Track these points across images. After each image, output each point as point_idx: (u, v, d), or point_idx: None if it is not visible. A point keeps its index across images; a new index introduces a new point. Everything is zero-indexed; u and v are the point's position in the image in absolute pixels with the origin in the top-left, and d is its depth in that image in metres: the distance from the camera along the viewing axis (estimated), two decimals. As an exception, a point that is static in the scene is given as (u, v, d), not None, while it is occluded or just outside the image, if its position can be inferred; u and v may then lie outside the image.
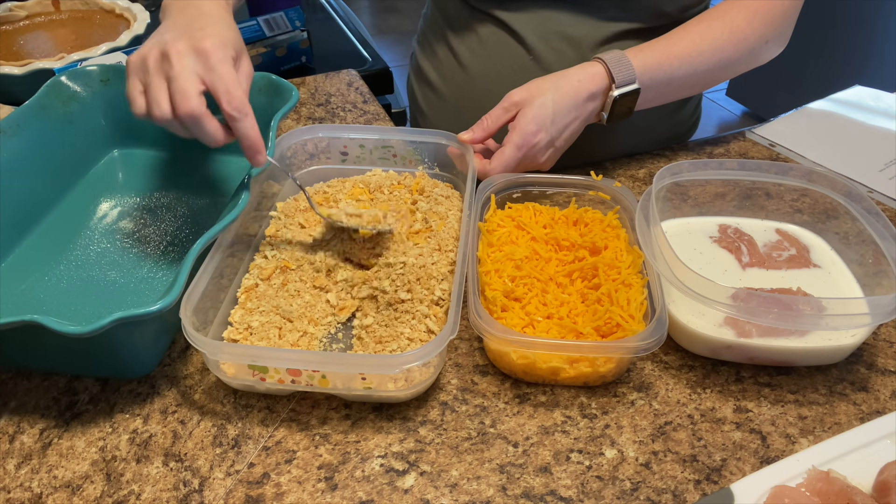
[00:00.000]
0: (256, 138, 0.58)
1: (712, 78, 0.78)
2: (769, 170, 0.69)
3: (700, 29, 0.75)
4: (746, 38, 0.75)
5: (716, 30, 0.75)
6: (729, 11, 0.75)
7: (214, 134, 0.57)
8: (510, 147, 0.71)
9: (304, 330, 0.61)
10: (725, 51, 0.75)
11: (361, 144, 0.77)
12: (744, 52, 0.76)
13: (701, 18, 0.76)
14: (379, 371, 0.53)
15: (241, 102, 0.56)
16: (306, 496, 0.51)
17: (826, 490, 0.47)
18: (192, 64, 0.55)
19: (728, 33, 0.75)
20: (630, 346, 0.53)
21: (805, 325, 0.56)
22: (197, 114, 0.55)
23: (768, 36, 0.76)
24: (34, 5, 1.12)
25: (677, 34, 0.76)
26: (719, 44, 0.75)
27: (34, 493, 0.52)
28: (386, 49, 3.21)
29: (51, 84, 0.74)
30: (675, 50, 0.74)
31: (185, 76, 0.55)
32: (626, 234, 0.66)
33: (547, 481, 0.52)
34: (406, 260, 0.63)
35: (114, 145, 0.82)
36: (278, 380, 0.54)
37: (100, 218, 0.74)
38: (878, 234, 0.62)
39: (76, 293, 0.65)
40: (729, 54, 0.75)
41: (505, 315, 0.59)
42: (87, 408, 0.58)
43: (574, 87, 0.72)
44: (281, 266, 0.65)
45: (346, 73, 1.08)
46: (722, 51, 0.75)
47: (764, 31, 0.75)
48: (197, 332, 0.52)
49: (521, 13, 0.83)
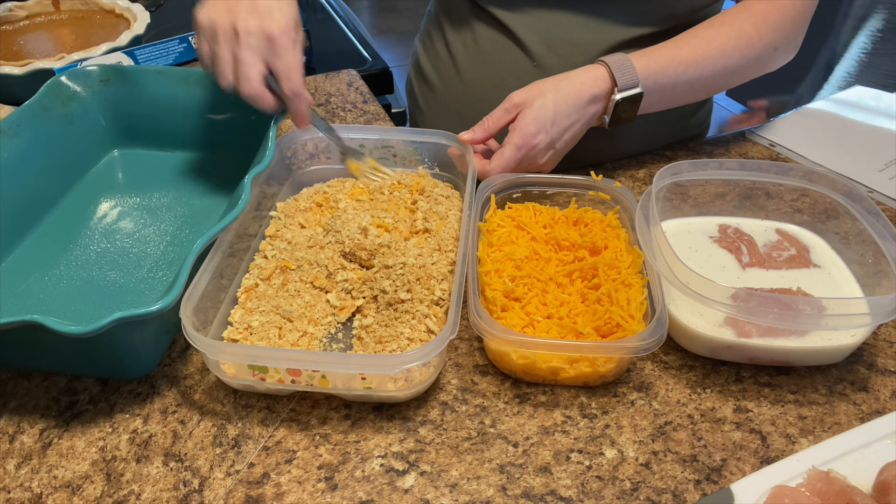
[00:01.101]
0: (306, 116, 0.68)
1: (718, 84, 0.77)
2: (769, 170, 0.69)
3: (707, 34, 0.74)
4: (754, 44, 0.74)
5: (723, 35, 0.74)
6: (738, 17, 0.74)
7: (269, 108, 0.65)
8: (509, 148, 0.71)
9: (304, 330, 0.61)
10: (732, 57, 0.74)
11: (361, 144, 0.77)
12: (751, 58, 0.75)
13: (709, 23, 0.75)
14: (379, 371, 0.53)
15: (298, 86, 0.65)
16: (306, 496, 0.51)
17: (826, 490, 0.47)
18: (258, 47, 0.62)
19: (735, 39, 0.73)
20: (630, 346, 0.53)
21: (805, 325, 0.56)
22: (256, 95, 0.63)
23: (777, 43, 0.75)
24: (34, 5, 1.12)
25: (683, 39, 0.74)
26: (726, 49, 0.73)
27: (34, 493, 0.52)
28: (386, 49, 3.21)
29: (51, 84, 0.74)
30: (681, 55, 0.73)
31: (250, 63, 0.62)
32: (626, 234, 0.66)
33: (547, 481, 0.52)
34: (406, 260, 0.63)
35: (114, 145, 0.82)
36: (278, 380, 0.54)
37: (100, 218, 0.74)
38: (878, 234, 0.62)
39: (76, 293, 0.65)
40: (735, 60, 0.74)
41: (505, 315, 0.59)
42: (87, 408, 0.58)
43: (576, 89, 0.72)
44: (281, 266, 0.65)
45: (346, 73, 1.08)
46: (728, 56, 0.74)
47: (772, 37, 0.74)
48: (197, 331, 0.52)
49: (524, 15, 0.82)
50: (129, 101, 0.79)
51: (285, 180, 0.77)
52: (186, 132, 0.80)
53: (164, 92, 0.78)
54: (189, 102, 0.78)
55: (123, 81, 0.78)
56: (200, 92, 0.78)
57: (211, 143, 0.81)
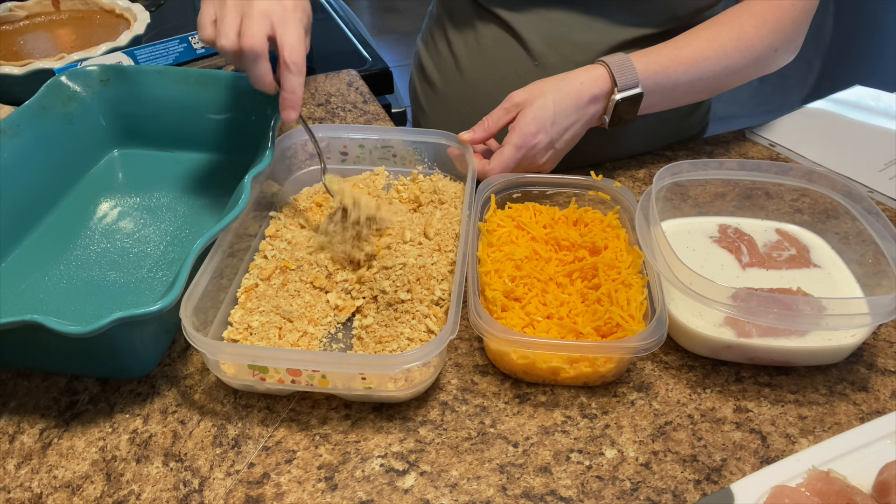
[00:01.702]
0: (299, 95, 0.63)
1: (718, 84, 0.77)
2: (769, 170, 0.69)
3: (708, 35, 0.74)
4: (754, 45, 0.74)
5: (723, 36, 0.74)
6: (738, 17, 0.74)
7: (265, 76, 0.62)
8: (509, 147, 0.71)
9: (304, 330, 0.61)
10: (732, 57, 0.74)
11: (361, 144, 0.77)
12: (751, 59, 0.75)
13: (710, 24, 0.75)
14: (379, 371, 0.53)
15: (300, 58, 0.62)
16: (306, 496, 0.51)
17: (826, 490, 0.47)
18: (268, 10, 0.61)
19: (735, 39, 0.74)
20: (630, 346, 0.53)
21: (805, 325, 0.56)
22: (258, 51, 0.60)
23: (777, 44, 0.75)
24: (34, 5, 1.12)
25: (684, 39, 0.74)
26: (726, 50, 0.74)
27: (34, 493, 0.52)
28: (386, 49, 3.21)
29: (51, 84, 0.74)
30: (681, 55, 0.73)
31: (258, 19, 0.60)
32: (626, 234, 0.66)
33: (547, 481, 0.52)
34: (406, 260, 0.63)
35: (114, 145, 0.82)
36: (278, 380, 0.54)
37: (100, 218, 0.74)
38: (878, 234, 0.62)
39: (76, 293, 0.65)
40: (736, 61, 0.74)
41: (505, 315, 0.59)
42: (87, 408, 0.58)
43: (576, 89, 0.72)
44: (281, 266, 0.65)
45: (346, 73, 1.08)
46: (729, 57, 0.74)
47: (772, 38, 0.74)
48: (197, 332, 0.52)
49: (526, 14, 0.82)
50: (129, 101, 0.79)
51: (285, 180, 0.77)
52: (186, 132, 0.80)
53: (164, 92, 0.78)
54: (189, 102, 0.78)
55: (123, 81, 0.78)
56: (200, 92, 0.78)
57: (211, 143, 0.81)
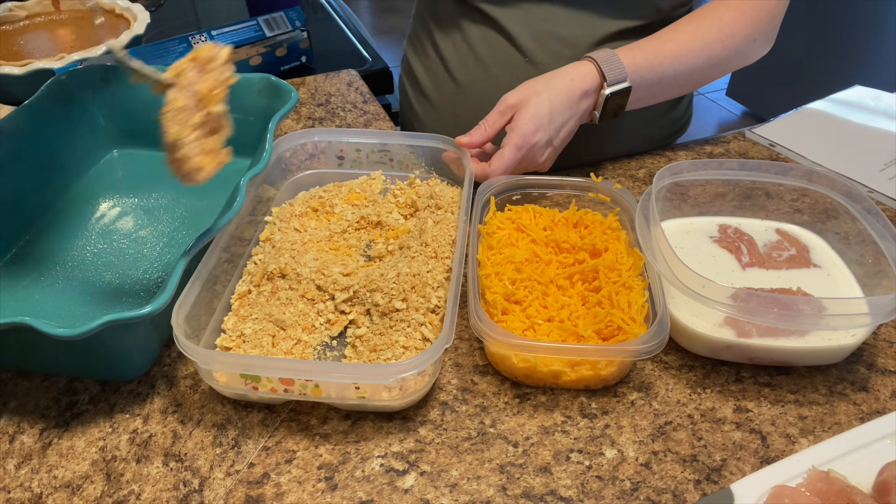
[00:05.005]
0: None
1: (701, 77, 0.79)
2: (769, 170, 0.69)
3: (689, 28, 0.76)
4: (734, 36, 0.76)
5: (704, 28, 0.76)
6: (717, 11, 0.76)
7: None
8: (510, 148, 0.71)
9: (298, 338, 0.60)
10: (714, 49, 0.76)
11: (358, 149, 0.77)
12: (732, 50, 0.77)
13: (690, 18, 0.77)
14: (373, 381, 0.52)
15: None
16: (306, 496, 0.51)
17: (826, 490, 0.47)
18: None
19: (716, 31, 0.76)
20: (632, 350, 0.53)
21: (805, 325, 0.56)
22: None
23: (755, 35, 0.77)
24: (34, 5, 1.12)
25: (667, 34, 0.76)
26: (708, 42, 0.76)
27: (34, 493, 0.52)
28: (386, 49, 3.21)
29: (51, 84, 0.74)
30: (665, 49, 0.75)
31: None
32: (627, 236, 0.66)
33: (547, 481, 0.52)
34: (400, 269, 0.62)
35: (114, 145, 0.82)
36: (271, 389, 0.53)
37: (98, 218, 0.74)
38: (878, 234, 0.62)
39: (72, 294, 0.65)
40: (717, 52, 0.76)
41: (505, 318, 0.59)
42: (87, 408, 0.58)
43: (568, 85, 0.72)
44: (275, 272, 0.64)
45: (346, 73, 1.08)
46: (711, 49, 0.76)
47: (751, 29, 0.76)
48: (188, 340, 0.51)
49: (513, 9, 0.82)
50: (129, 101, 0.78)
51: (282, 183, 0.76)
52: (186, 132, 0.80)
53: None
54: (189, 103, 0.78)
55: (123, 81, 0.78)
56: (200, 92, 0.78)
57: (211, 143, 0.81)
